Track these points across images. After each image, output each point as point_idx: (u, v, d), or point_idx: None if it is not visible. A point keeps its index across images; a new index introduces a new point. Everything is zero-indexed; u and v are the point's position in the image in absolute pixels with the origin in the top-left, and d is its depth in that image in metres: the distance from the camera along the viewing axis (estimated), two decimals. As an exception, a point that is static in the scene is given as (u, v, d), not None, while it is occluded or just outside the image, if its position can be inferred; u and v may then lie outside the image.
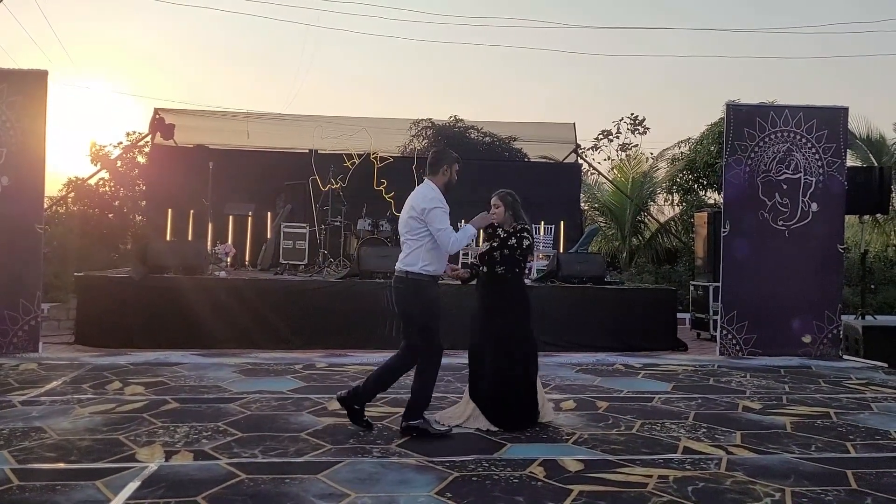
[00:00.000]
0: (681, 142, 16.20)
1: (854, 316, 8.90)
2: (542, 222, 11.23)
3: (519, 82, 30.41)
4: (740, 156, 8.24)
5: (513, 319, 4.72)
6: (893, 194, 12.43)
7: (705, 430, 4.78)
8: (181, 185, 10.91)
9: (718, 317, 8.32)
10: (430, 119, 14.19)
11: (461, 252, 9.34)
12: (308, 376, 6.34)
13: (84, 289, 8.03)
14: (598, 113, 36.81)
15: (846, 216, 8.63)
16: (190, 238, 10.77)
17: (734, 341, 8.11)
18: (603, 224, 16.54)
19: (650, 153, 17.06)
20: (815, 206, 8.22)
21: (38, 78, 7.45)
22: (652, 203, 16.54)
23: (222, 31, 30.14)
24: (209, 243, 9.83)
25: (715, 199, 14.39)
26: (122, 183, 13.21)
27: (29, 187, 7.35)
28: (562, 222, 11.77)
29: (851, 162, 14.25)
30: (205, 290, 7.97)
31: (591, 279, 8.91)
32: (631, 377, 6.74)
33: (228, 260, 9.67)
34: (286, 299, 8.14)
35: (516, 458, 4.03)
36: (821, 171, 8.26)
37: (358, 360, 7.19)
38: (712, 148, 13.61)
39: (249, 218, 11.23)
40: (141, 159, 13.39)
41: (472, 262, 4.79)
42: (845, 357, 8.15)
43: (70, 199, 13.10)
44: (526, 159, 14.06)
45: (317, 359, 7.23)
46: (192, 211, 10.97)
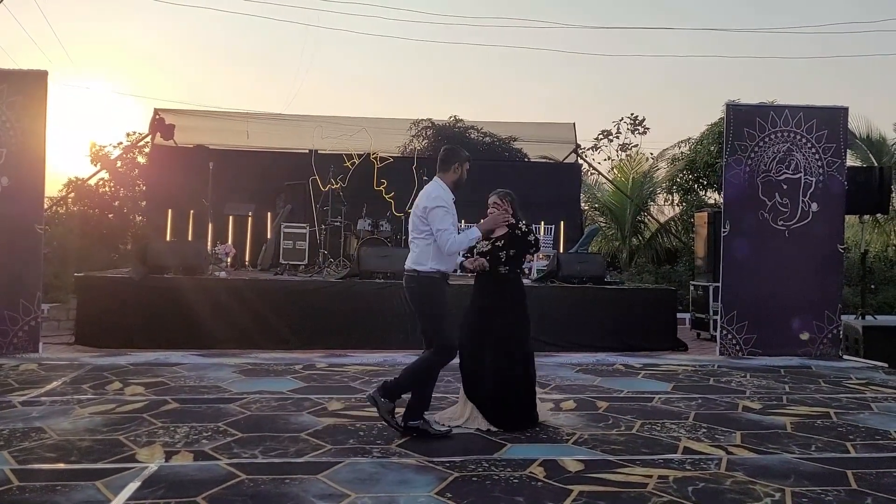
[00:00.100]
0: (681, 142, 16.21)
1: (854, 316, 8.89)
2: (542, 222, 11.24)
3: (519, 82, 30.44)
4: (740, 156, 8.24)
5: (513, 320, 4.71)
6: (893, 194, 12.42)
7: (705, 430, 4.78)
8: (181, 186, 10.91)
9: (718, 317, 8.32)
10: (429, 119, 14.19)
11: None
12: (308, 376, 6.34)
13: (84, 289, 8.03)
14: (598, 113, 36.84)
15: (846, 216, 8.62)
16: (190, 238, 10.77)
17: (734, 341, 8.11)
18: (603, 224, 16.54)
19: (650, 153, 17.08)
20: (815, 206, 8.22)
21: (38, 78, 7.45)
22: (652, 203, 16.54)
23: (222, 31, 30.17)
24: (209, 243, 9.83)
25: (715, 199, 14.38)
26: (122, 183, 13.22)
27: (29, 187, 7.34)
28: (562, 222, 11.78)
29: (852, 162, 14.27)
30: (205, 291, 7.97)
31: (591, 279, 8.91)
32: (631, 377, 6.74)
33: (228, 260, 9.67)
34: (286, 299, 8.14)
35: (516, 458, 4.03)
36: (821, 171, 8.26)
37: (358, 360, 7.19)
38: (712, 148, 13.61)
39: (249, 218, 11.23)
40: (141, 159, 13.40)
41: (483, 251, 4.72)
42: (845, 357, 8.15)
43: (70, 200, 13.10)
44: (526, 159, 14.06)
45: (317, 359, 7.23)
46: (192, 211, 10.97)
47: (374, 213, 10.58)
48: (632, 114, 17.12)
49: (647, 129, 17.04)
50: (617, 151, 17.12)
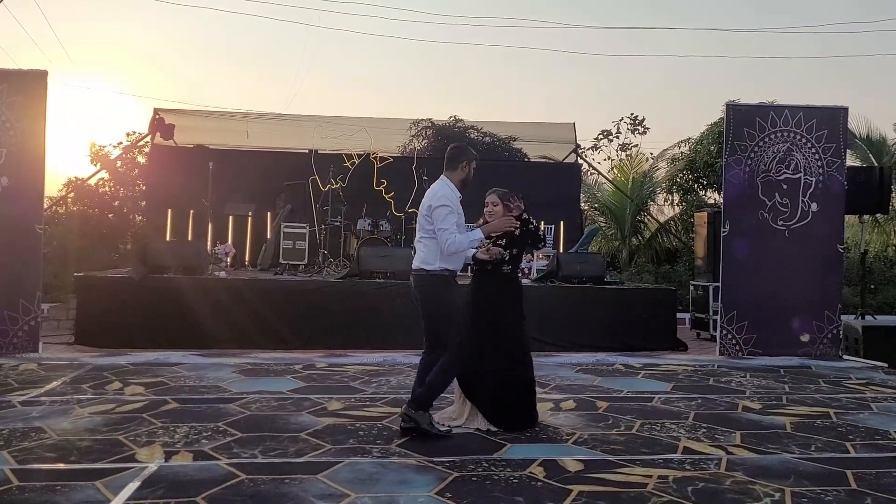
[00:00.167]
0: (681, 142, 16.20)
1: (854, 316, 8.90)
2: (542, 222, 11.18)
3: (519, 82, 30.41)
4: (740, 156, 8.24)
5: (513, 319, 4.71)
6: (893, 194, 12.43)
7: (705, 430, 4.78)
8: (181, 186, 10.90)
9: (718, 317, 8.32)
10: (429, 119, 14.18)
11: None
12: (308, 376, 6.34)
13: (84, 289, 8.03)
14: (598, 113, 36.81)
15: (846, 216, 8.63)
16: (190, 238, 10.77)
17: (734, 341, 8.11)
18: (603, 224, 16.54)
19: (650, 153, 17.07)
20: (814, 206, 8.22)
21: (38, 78, 7.44)
22: (652, 203, 16.53)
23: (222, 31, 30.13)
24: (209, 243, 9.83)
25: (715, 199, 14.38)
26: (121, 183, 13.21)
27: (29, 187, 7.34)
28: (562, 222, 11.78)
29: (851, 162, 14.27)
30: (205, 291, 7.97)
31: (591, 279, 8.91)
32: (631, 377, 6.74)
33: (228, 260, 9.67)
34: (286, 299, 8.14)
35: (516, 458, 4.03)
36: (821, 170, 8.26)
37: (358, 360, 7.19)
38: (712, 148, 13.60)
39: (249, 218, 11.23)
40: (141, 159, 13.38)
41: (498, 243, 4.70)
42: (845, 357, 8.15)
43: (70, 200, 13.09)
44: (526, 159, 14.05)
45: (317, 359, 7.23)
46: (191, 211, 10.97)
47: (374, 213, 10.58)
48: (632, 114, 17.10)
49: (647, 129, 17.02)
50: (617, 151, 17.11)
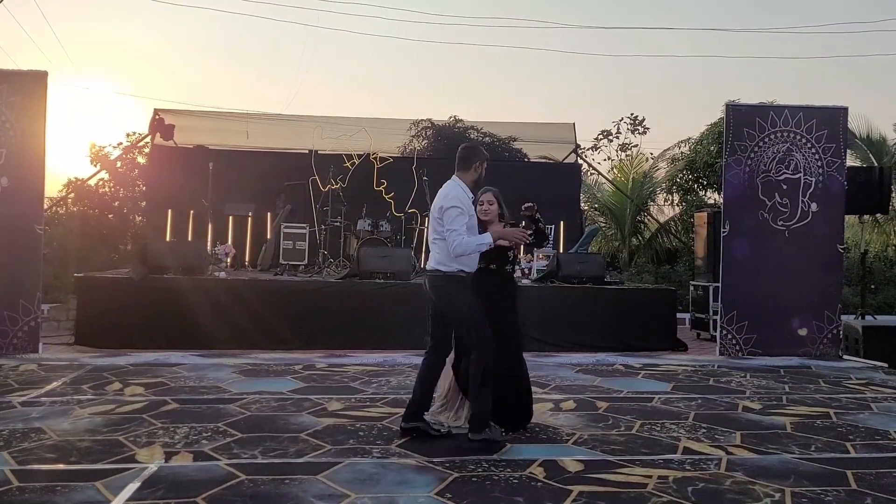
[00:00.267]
0: (681, 142, 16.19)
1: (854, 316, 8.90)
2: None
3: (518, 82, 30.40)
4: (740, 156, 8.24)
5: (513, 319, 4.71)
6: (893, 194, 12.42)
7: (705, 430, 4.78)
8: (181, 186, 10.90)
9: (718, 317, 8.32)
10: (429, 119, 14.17)
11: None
12: (308, 377, 6.34)
13: (84, 289, 8.03)
14: (597, 113, 36.80)
15: (846, 216, 8.63)
16: (190, 238, 10.75)
17: (734, 341, 8.11)
18: (603, 224, 16.53)
19: (650, 153, 17.07)
20: (814, 206, 8.22)
21: (38, 78, 7.45)
22: (652, 203, 16.52)
23: (222, 31, 30.11)
24: (209, 244, 9.82)
25: (715, 199, 14.37)
26: (121, 183, 13.20)
27: (29, 188, 7.34)
28: (561, 222, 11.76)
29: (852, 162, 14.27)
30: (204, 291, 7.97)
31: (591, 279, 8.91)
32: (631, 377, 6.74)
33: (228, 260, 9.66)
34: (286, 300, 8.14)
35: (516, 458, 4.04)
36: (820, 171, 8.26)
37: (358, 361, 7.19)
38: (712, 148, 13.60)
39: (249, 218, 11.22)
40: (141, 160, 13.37)
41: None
42: (845, 357, 8.15)
43: (70, 200, 13.08)
44: (526, 159, 14.05)
45: (316, 359, 7.23)
46: (191, 211, 10.96)
47: (374, 214, 10.57)
48: (631, 114, 17.09)
49: (647, 129, 17.00)
50: (617, 151, 17.10)
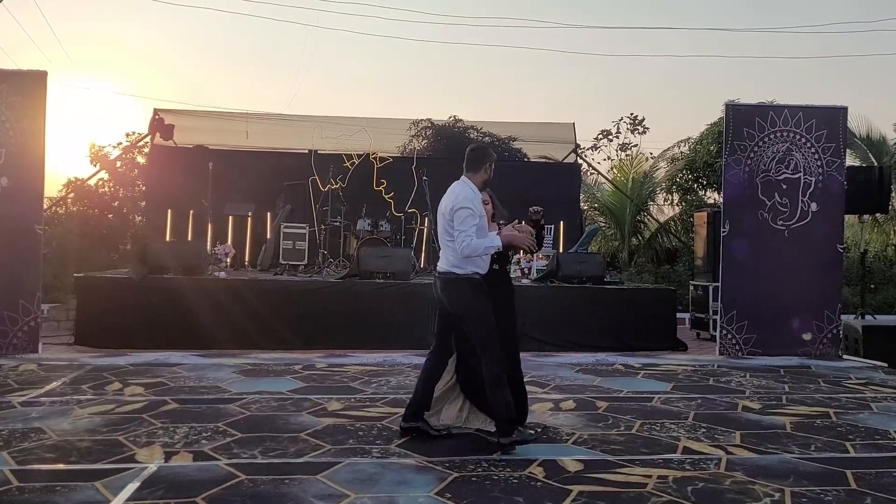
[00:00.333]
0: (680, 141, 16.18)
1: (854, 316, 8.90)
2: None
3: (518, 82, 30.37)
4: (740, 155, 8.24)
5: (513, 319, 4.72)
6: (893, 194, 12.43)
7: (705, 430, 4.78)
8: (181, 186, 10.90)
9: (718, 317, 8.32)
10: (429, 119, 14.15)
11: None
12: (308, 377, 6.34)
13: (84, 289, 8.03)
14: (597, 113, 36.76)
15: (846, 216, 8.62)
16: (189, 238, 10.75)
17: (734, 341, 8.11)
18: (603, 224, 16.53)
19: (650, 153, 17.06)
20: (814, 206, 8.22)
21: (38, 78, 7.44)
22: (651, 203, 16.52)
23: (222, 31, 30.07)
24: (209, 244, 9.82)
25: (714, 199, 14.38)
26: (121, 183, 13.19)
27: (28, 188, 7.34)
28: (561, 222, 11.76)
29: (852, 161, 14.27)
30: (204, 291, 7.97)
31: (591, 279, 8.90)
32: (630, 377, 6.74)
33: (228, 260, 9.66)
34: (286, 300, 8.13)
35: (516, 458, 4.03)
36: (820, 170, 8.26)
37: (358, 361, 7.19)
38: (712, 147, 13.60)
39: (249, 218, 11.22)
40: (140, 160, 13.36)
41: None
42: (845, 357, 8.15)
43: (70, 200, 13.08)
44: (525, 159, 14.04)
45: (316, 359, 7.23)
46: (191, 211, 10.96)
47: (374, 213, 10.57)
48: (631, 113, 17.09)
49: (647, 128, 16.98)
50: (616, 151, 17.09)
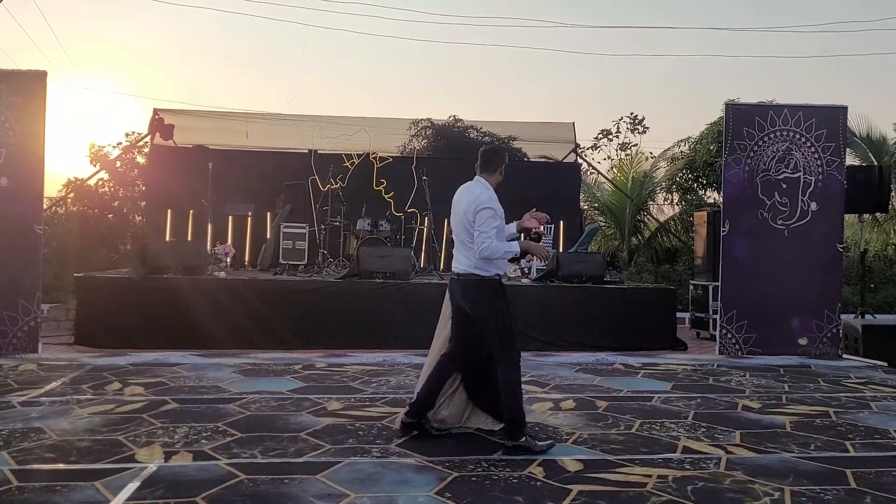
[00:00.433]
0: (680, 141, 16.17)
1: (853, 315, 8.89)
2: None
3: (518, 82, 30.39)
4: (739, 155, 8.24)
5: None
6: (893, 193, 12.42)
7: (704, 429, 4.78)
8: (181, 186, 10.90)
9: (718, 316, 8.32)
10: (429, 119, 14.15)
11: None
12: (307, 376, 6.34)
13: (83, 289, 8.03)
14: (597, 113, 36.79)
15: (846, 215, 8.62)
16: (189, 238, 10.75)
17: (733, 340, 8.11)
18: (602, 223, 16.52)
19: (650, 153, 17.05)
20: (814, 206, 8.22)
21: (37, 78, 7.44)
22: (651, 202, 16.51)
23: (222, 31, 30.08)
24: (209, 244, 9.82)
25: (714, 199, 14.37)
26: (121, 183, 13.18)
27: (28, 188, 7.34)
28: (561, 222, 11.76)
29: (852, 161, 14.26)
30: (204, 291, 7.97)
31: (591, 279, 8.91)
32: (630, 376, 6.74)
33: (228, 260, 9.66)
34: (286, 299, 8.13)
35: (516, 458, 4.03)
36: (820, 170, 8.26)
37: (357, 360, 7.19)
38: (712, 147, 13.59)
39: (249, 218, 11.22)
40: (140, 160, 13.35)
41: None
42: (845, 356, 8.15)
43: (69, 200, 13.07)
44: (525, 159, 14.02)
45: (316, 359, 7.23)
46: (191, 211, 10.96)
47: (374, 213, 10.57)
48: (631, 113, 17.08)
49: (647, 128, 16.98)
50: (616, 151, 17.09)
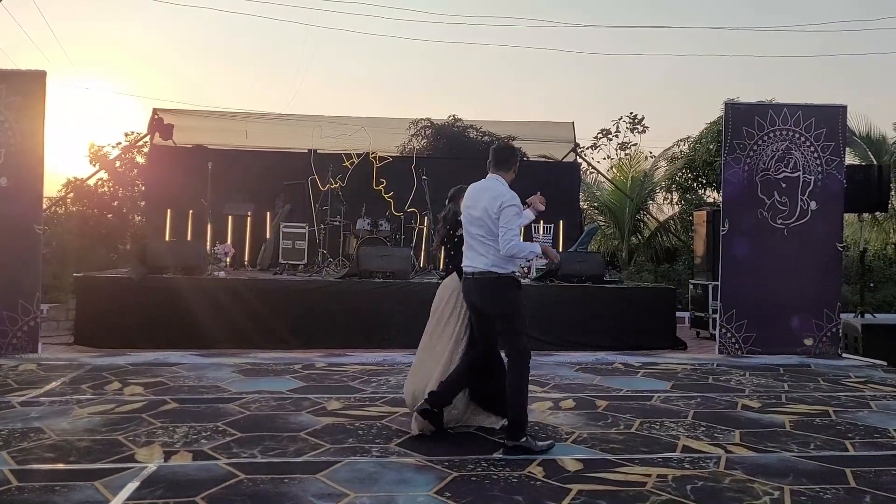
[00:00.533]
0: (680, 140, 16.16)
1: (853, 314, 8.89)
2: (542, 221, 11.22)
3: (518, 82, 30.36)
4: (739, 154, 8.24)
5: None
6: (892, 192, 12.42)
7: (704, 428, 4.78)
8: (180, 186, 10.90)
9: (717, 315, 8.32)
10: (428, 118, 14.14)
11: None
12: (307, 376, 6.34)
13: (83, 289, 8.03)
14: (597, 113, 36.80)
15: (845, 214, 8.63)
16: (189, 238, 10.76)
17: (733, 340, 8.12)
18: (602, 223, 16.51)
19: (649, 152, 17.04)
20: (813, 205, 8.22)
21: (37, 78, 7.44)
22: (651, 202, 16.51)
23: (222, 31, 30.04)
24: (208, 243, 9.82)
25: (714, 198, 14.37)
26: (121, 183, 13.18)
27: (28, 188, 7.34)
28: (561, 221, 11.76)
29: (851, 160, 14.25)
30: (204, 291, 7.97)
31: (591, 278, 8.91)
32: (630, 376, 6.74)
33: (227, 260, 9.67)
34: (285, 299, 8.13)
35: (515, 457, 4.03)
36: (819, 169, 8.26)
37: (357, 360, 7.19)
38: (711, 146, 13.59)
39: (248, 218, 11.23)
40: (140, 160, 13.35)
41: None
42: (844, 355, 8.15)
43: (69, 200, 13.06)
44: (525, 158, 13.99)
45: (316, 359, 7.23)
46: (191, 211, 10.97)
47: (374, 213, 10.57)
48: (631, 112, 17.08)
49: (647, 127, 16.95)
50: (616, 150, 17.08)
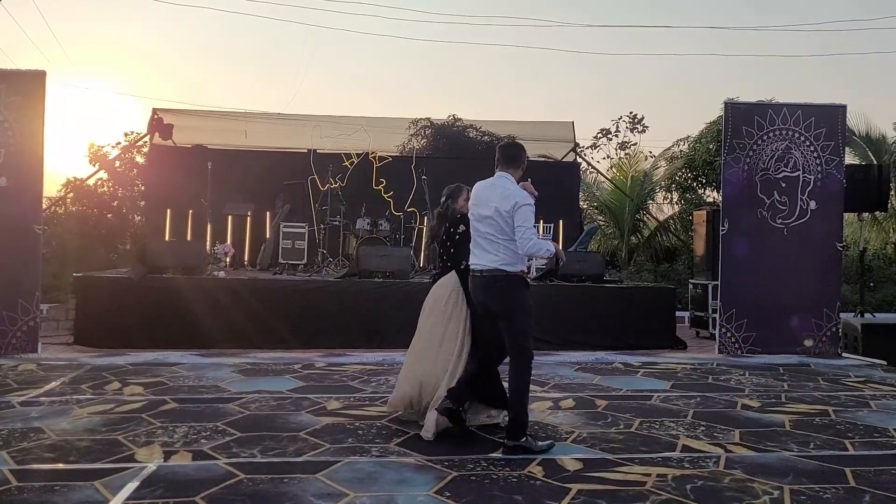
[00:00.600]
0: (680, 140, 16.17)
1: (853, 314, 8.90)
2: (541, 221, 11.22)
3: (518, 82, 30.34)
4: (739, 154, 8.24)
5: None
6: (892, 192, 12.42)
7: (704, 428, 4.78)
8: (180, 186, 10.90)
9: (717, 315, 8.33)
10: (428, 118, 14.14)
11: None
12: (307, 376, 6.34)
13: (83, 289, 8.03)
14: (597, 112, 36.78)
15: (845, 214, 8.63)
16: (189, 238, 10.76)
17: (733, 339, 8.12)
18: (602, 223, 16.52)
19: (649, 152, 17.04)
20: (813, 204, 8.22)
21: (37, 78, 7.44)
22: (651, 202, 16.51)
23: (222, 31, 30.00)
24: (208, 243, 9.81)
25: (714, 198, 14.37)
26: (120, 183, 13.18)
27: (27, 188, 7.34)
28: (561, 221, 11.76)
29: (851, 160, 14.24)
30: (204, 291, 7.97)
31: (591, 278, 8.91)
32: (630, 375, 6.74)
33: (227, 260, 9.66)
34: (285, 299, 8.13)
35: (515, 457, 4.03)
36: (819, 168, 8.26)
37: (357, 360, 7.19)
38: (711, 146, 13.59)
39: (248, 218, 11.23)
40: (140, 159, 13.36)
41: None
42: (844, 355, 8.16)
43: (69, 200, 13.06)
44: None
45: (316, 358, 7.24)
46: (190, 211, 10.97)
47: (373, 213, 10.57)
48: (631, 112, 17.08)
49: (646, 127, 16.96)
50: (616, 150, 17.08)
